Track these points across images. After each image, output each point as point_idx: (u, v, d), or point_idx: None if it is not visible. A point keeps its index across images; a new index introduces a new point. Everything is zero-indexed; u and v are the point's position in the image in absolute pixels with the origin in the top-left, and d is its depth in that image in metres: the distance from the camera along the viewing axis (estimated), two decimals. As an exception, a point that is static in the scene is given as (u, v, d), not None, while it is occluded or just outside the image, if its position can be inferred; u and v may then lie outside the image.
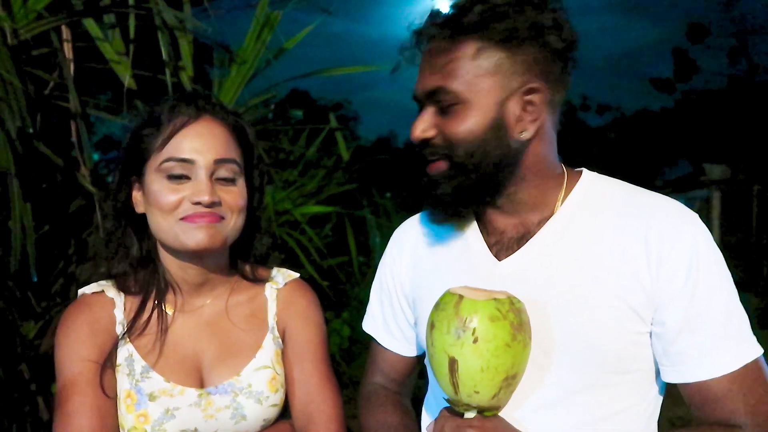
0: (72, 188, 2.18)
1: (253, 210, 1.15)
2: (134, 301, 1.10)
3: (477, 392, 0.86)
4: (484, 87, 0.95)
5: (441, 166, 1.00)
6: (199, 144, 1.04)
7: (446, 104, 0.96)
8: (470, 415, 0.90)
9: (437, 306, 0.90)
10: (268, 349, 1.13)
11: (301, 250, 2.91)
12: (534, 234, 1.02)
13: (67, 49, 2.06)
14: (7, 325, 2.01)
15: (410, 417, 1.18)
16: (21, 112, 1.76)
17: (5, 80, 1.74)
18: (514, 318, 0.86)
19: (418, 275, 1.15)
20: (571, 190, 1.03)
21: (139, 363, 1.06)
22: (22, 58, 1.97)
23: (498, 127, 0.96)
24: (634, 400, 0.98)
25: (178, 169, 1.03)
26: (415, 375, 1.27)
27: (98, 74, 2.34)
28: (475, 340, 0.84)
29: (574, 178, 1.05)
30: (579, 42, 0.99)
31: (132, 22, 2.07)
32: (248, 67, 2.57)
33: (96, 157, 2.91)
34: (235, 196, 1.07)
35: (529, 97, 0.96)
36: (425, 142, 1.00)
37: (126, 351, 1.06)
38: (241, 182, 1.09)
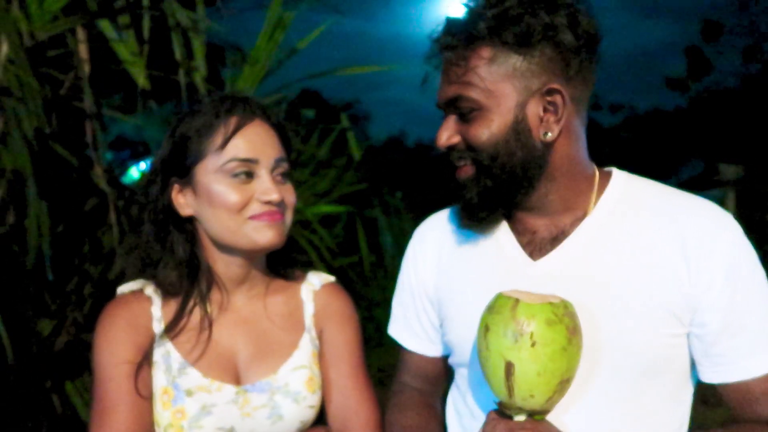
0: (86, 187, 2.21)
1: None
2: (174, 299, 1.10)
3: (532, 396, 0.86)
4: (502, 91, 0.94)
5: (468, 170, 1.00)
6: (259, 143, 1.06)
7: (466, 111, 0.97)
8: (520, 418, 0.89)
9: (491, 309, 0.89)
10: (305, 349, 1.13)
11: (312, 250, 2.92)
12: (568, 234, 1.01)
13: (83, 50, 2.08)
14: (22, 322, 2.03)
15: (432, 418, 1.16)
16: (37, 112, 1.78)
17: (22, 81, 1.77)
18: (569, 322, 0.86)
19: (443, 275, 1.13)
20: (603, 190, 1.02)
21: (177, 359, 1.06)
22: (39, 59, 2.00)
23: (520, 129, 0.95)
24: (668, 399, 0.98)
25: (242, 168, 1.04)
26: (446, 374, 1.23)
27: (112, 74, 2.36)
28: (533, 344, 0.83)
29: (606, 178, 1.04)
30: (600, 34, 0.97)
31: (146, 23, 2.09)
32: (260, 67, 2.58)
33: (109, 156, 2.94)
34: (290, 193, 1.10)
35: (549, 98, 0.95)
36: (451, 148, 1.01)
37: (163, 348, 1.07)
38: (289, 180, 1.11)
